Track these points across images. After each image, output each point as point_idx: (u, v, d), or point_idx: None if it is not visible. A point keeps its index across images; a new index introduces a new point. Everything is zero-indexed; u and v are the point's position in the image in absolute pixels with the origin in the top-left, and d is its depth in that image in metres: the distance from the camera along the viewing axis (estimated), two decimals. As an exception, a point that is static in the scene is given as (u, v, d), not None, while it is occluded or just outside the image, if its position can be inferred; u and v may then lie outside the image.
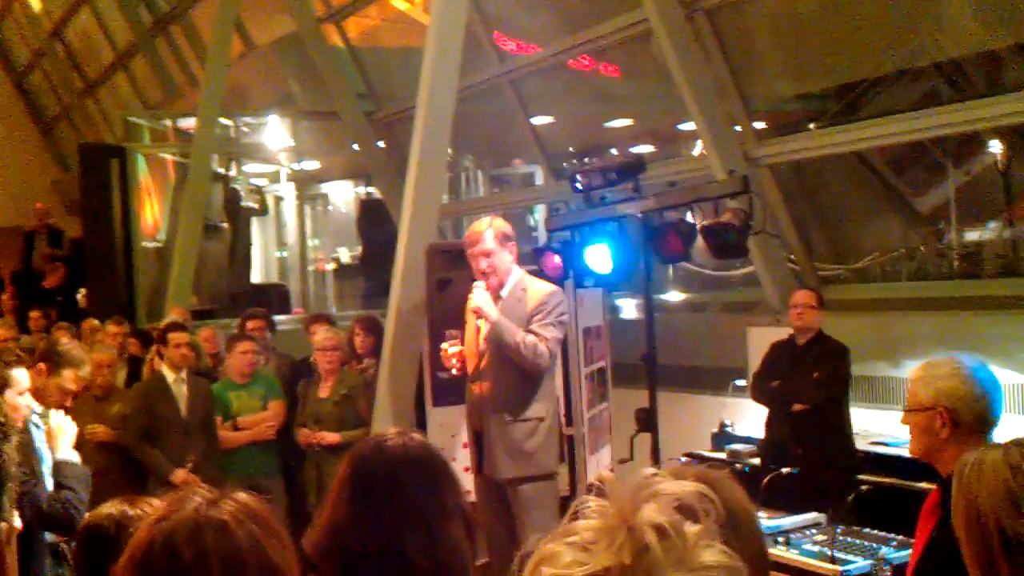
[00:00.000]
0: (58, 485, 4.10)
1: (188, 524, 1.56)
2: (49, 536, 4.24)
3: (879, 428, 6.73)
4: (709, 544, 0.97)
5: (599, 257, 5.95)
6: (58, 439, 4.23)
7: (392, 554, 2.02)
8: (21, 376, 4.14)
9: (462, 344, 5.44)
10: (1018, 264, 8.38)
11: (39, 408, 4.39)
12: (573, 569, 0.95)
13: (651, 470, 1.07)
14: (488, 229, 5.34)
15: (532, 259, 6.36)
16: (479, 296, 5.27)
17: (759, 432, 6.75)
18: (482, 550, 5.31)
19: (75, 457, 4.27)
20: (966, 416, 2.77)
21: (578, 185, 6.42)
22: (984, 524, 1.98)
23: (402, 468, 2.12)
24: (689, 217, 6.13)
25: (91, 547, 2.44)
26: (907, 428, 2.94)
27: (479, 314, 5.26)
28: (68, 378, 4.91)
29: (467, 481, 5.31)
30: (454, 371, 5.54)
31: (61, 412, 4.36)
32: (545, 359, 5.20)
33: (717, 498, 1.03)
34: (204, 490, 1.66)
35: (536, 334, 5.17)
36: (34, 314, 10.97)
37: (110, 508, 2.52)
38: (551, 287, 5.37)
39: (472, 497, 5.37)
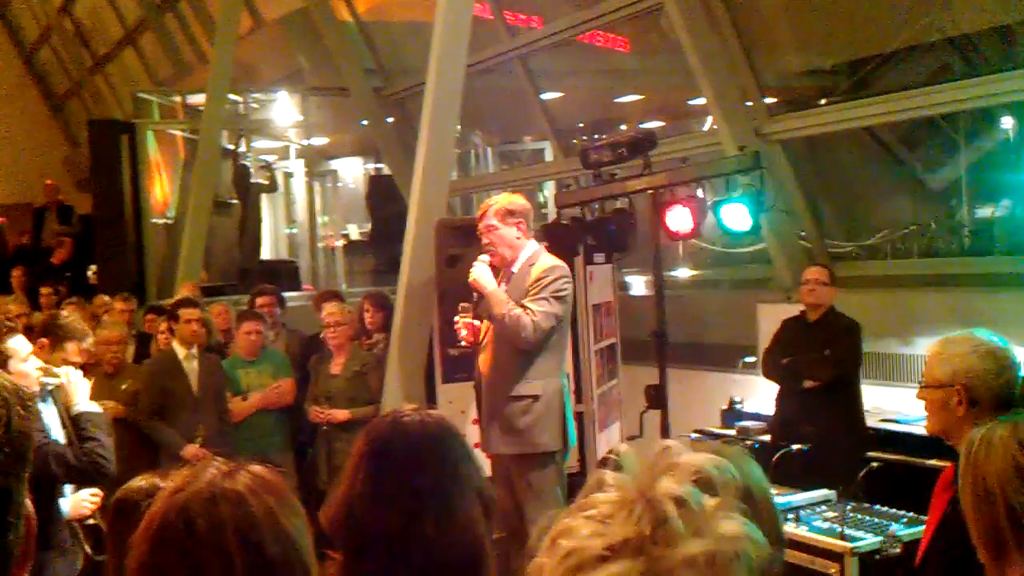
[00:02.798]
0: (82, 437, 4.09)
1: (203, 495, 1.56)
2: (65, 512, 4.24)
3: (890, 405, 6.72)
4: (728, 515, 0.97)
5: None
6: (74, 392, 4.20)
7: (408, 531, 2.01)
8: (19, 344, 4.07)
9: (474, 317, 5.43)
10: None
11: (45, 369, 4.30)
12: (591, 541, 0.95)
13: (668, 442, 1.06)
14: (493, 205, 5.34)
15: (542, 235, 6.35)
16: (477, 269, 5.28)
17: (768, 409, 6.75)
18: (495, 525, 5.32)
19: (94, 407, 4.24)
20: (984, 394, 2.75)
21: (588, 161, 6.41)
22: (992, 501, 1.97)
23: (419, 445, 2.11)
24: (700, 193, 6.10)
25: (123, 519, 2.45)
26: (922, 404, 2.92)
27: (475, 286, 5.26)
28: (71, 351, 4.90)
29: (481, 457, 5.32)
30: (464, 343, 5.54)
31: (71, 368, 4.33)
32: (529, 333, 5.10)
33: (736, 471, 1.03)
34: (219, 462, 1.66)
35: (524, 307, 5.13)
36: (45, 290, 10.99)
37: (141, 481, 2.53)
38: (554, 262, 5.27)
39: (488, 473, 5.38)
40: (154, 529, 1.55)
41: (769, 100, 8.41)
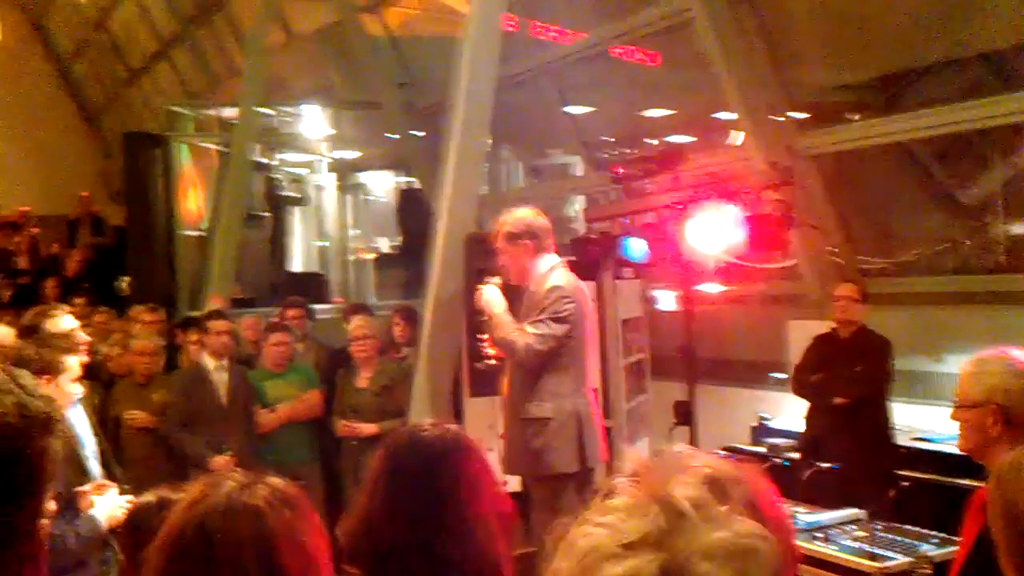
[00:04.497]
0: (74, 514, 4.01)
1: (221, 508, 1.56)
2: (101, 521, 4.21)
3: (921, 424, 6.65)
4: (741, 518, 0.97)
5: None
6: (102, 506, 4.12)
7: (425, 546, 2.01)
8: (73, 363, 4.11)
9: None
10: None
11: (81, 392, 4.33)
12: (608, 539, 0.95)
13: (678, 448, 1.07)
14: (501, 227, 5.31)
15: (570, 250, 6.32)
16: (487, 290, 5.27)
17: (798, 426, 6.70)
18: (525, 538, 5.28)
19: (102, 522, 4.16)
20: (1019, 413, 2.70)
21: (617, 175, 6.40)
22: (1021, 524, 1.93)
23: (436, 460, 2.11)
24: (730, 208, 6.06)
25: (135, 533, 2.46)
26: (956, 424, 2.88)
27: (482, 308, 5.25)
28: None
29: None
30: (491, 360, 5.54)
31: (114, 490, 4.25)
32: (521, 355, 5.09)
33: (745, 479, 1.03)
34: (238, 474, 1.66)
35: (521, 330, 5.13)
36: (78, 301, 11.07)
37: (154, 494, 2.53)
38: (555, 283, 5.19)
39: (510, 486, 5.37)
40: (171, 542, 1.55)
41: (800, 115, 8.36)
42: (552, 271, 5.25)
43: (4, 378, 1.41)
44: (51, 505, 1.46)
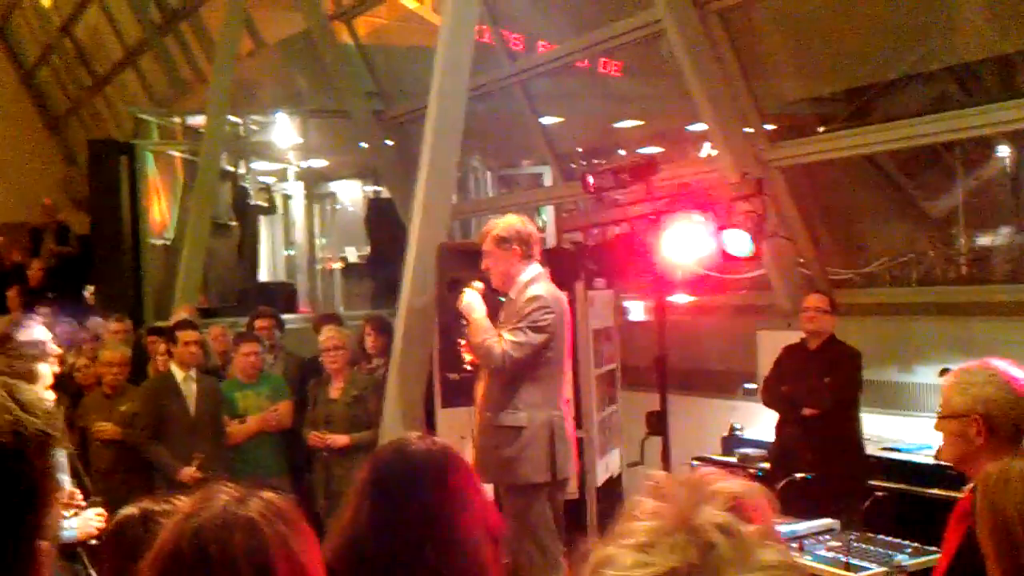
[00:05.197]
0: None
1: (216, 521, 1.55)
2: (72, 534, 4.19)
3: (890, 433, 6.71)
4: (768, 543, 0.96)
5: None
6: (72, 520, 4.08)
7: (413, 561, 1.99)
8: (45, 370, 4.10)
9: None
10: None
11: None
12: (636, 571, 0.94)
13: (704, 470, 1.06)
14: (491, 231, 5.35)
15: (543, 260, 6.32)
16: (468, 295, 5.29)
17: (769, 436, 6.73)
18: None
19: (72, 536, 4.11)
20: (1002, 423, 2.74)
21: (589, 186, 6.41)
22: (1011, 534, 1.96)
23: (424, 473, 2.09)
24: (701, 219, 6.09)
25: (119, 546, 2.43)
26: (922, 432, 2.91)
27: (463, 312, 5.28)
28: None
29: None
30: (467, 365, 5.53)
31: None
32: (497, 361, 5.12)
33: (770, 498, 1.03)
34: (230, 487, 1.64)
35: (499, 337, 5.15)
36: (42, 310, 10.94)
37: (137, 506, 2.50)
38: (536, 292, 5.23)
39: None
40: (166, 555, 1.54)
41: (768, 127, 8.42)
42: (534, 281, 5.28)
43: (2, 394, 1.39)
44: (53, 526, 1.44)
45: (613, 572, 0.95)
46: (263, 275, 14.64)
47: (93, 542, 4.29)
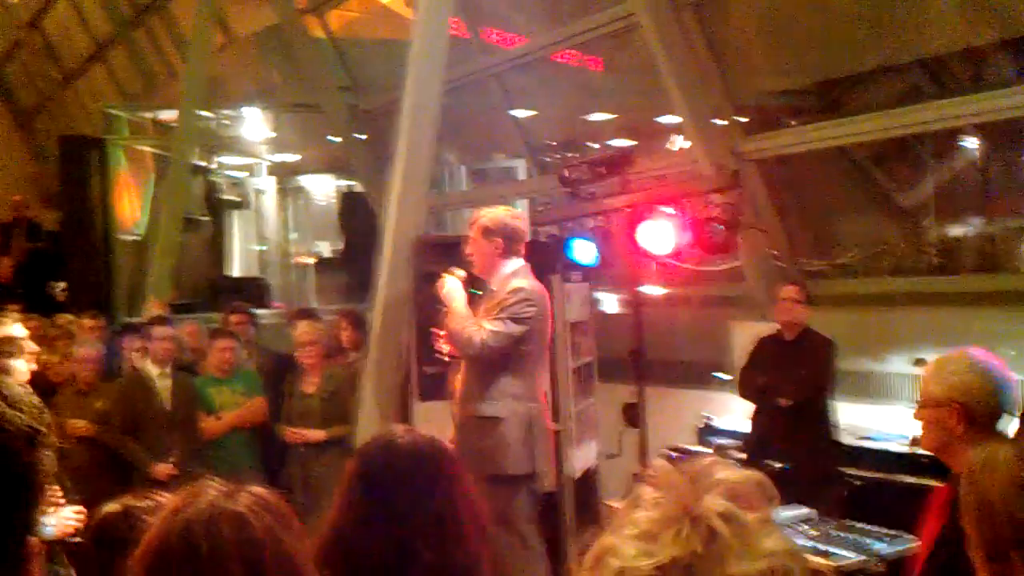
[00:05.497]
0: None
1: (205, 516, 1.55)
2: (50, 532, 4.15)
3: (864, 423, 6.76)
4: (769, 531, 0.97)
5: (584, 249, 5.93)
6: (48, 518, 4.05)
7: (403, 554, 1.99)
8: (20, 366, 4.07)
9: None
10: (996, 259, 8.44)
11: None
12: (641, 561, 0.94)
13: (705, 459, 1.06)
14: (478, 219, 5.37)
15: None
16: (449, 282, 5.30)
17: (743, 426, 6.77)
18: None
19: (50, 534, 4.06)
20: (980, 411, 2.77)
21: (565, 179, 6.43)
22: (996, 519, 1.99)
23: (412, 467, 2.09)
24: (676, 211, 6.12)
25: (103, 543, 2.41)
26: (896, 421, 2.95)
27: (443, 299, 5.28)
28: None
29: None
30: (444, 356, 5.52)
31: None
32: (475, 349, 5.13)
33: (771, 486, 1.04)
34: (218, 482, 1.64)
35: (478, 325, 5.16)
36: (12, 308, 10.82)
37: (119, 504, 2.49)
38: (520, 284, 5.25)
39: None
40: (155, 551, 1.54)
41: (741, 119, 8.46)
42: (517, 274, 5.29)
43: None
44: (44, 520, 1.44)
45: (617, 563, 0.96)
46: (235, 270, 14.58)
47: (73, 540, 4.27)
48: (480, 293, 5.37)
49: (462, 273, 5.35)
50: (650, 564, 0.94)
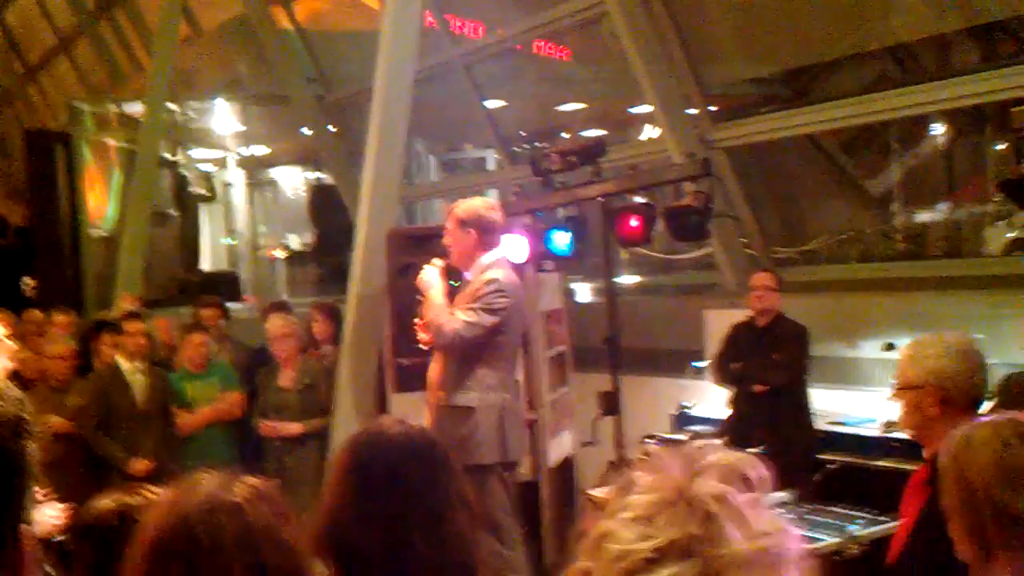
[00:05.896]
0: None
1: (202, 507, 1.56)
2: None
3: (836, 408, 6.82)
4: (763, 511, 0.99)
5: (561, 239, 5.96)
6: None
7: (397, 548, 1.99)
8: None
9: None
10: (961, 244, 8.55)
11: None
12: (639, 544, 0.96)
13: (697, 443, 1.08)
14: (454, 209, 5.38)
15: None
16: (427, 271, 5.32)
17: (718, 413, 6.82)
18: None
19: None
20: (956, 394, 2.82)
21: (537, 169, 6.43)
22: (976, 499, 2.02)
23: (404, 458, 2.08)
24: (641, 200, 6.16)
25: (95, 539, 2.40)
26: (872, 406, 2.99)
27: (421, 288, 5.30)
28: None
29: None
30: (422, 344, 5.53)
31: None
32: (446, 340, 5.15)
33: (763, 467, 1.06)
34: (214, 474, 1.65)
35: (452, 315, 5.19)
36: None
37: (110, 499, 2.48)
38: (495, 275, 5.24)
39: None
40: (154, 541, 1.54)
41: (711, 108, 8.51)
42: (493, 265, 5.29)
43: None
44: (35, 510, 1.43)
45: (616, 546, 0.97)
46: (205, 264, 14.51)
47: (56, 540, 4.24)
48: (457, 284, 5.38)
49: (440, 262, 5.36)
50: (648, 547, 0.95)
